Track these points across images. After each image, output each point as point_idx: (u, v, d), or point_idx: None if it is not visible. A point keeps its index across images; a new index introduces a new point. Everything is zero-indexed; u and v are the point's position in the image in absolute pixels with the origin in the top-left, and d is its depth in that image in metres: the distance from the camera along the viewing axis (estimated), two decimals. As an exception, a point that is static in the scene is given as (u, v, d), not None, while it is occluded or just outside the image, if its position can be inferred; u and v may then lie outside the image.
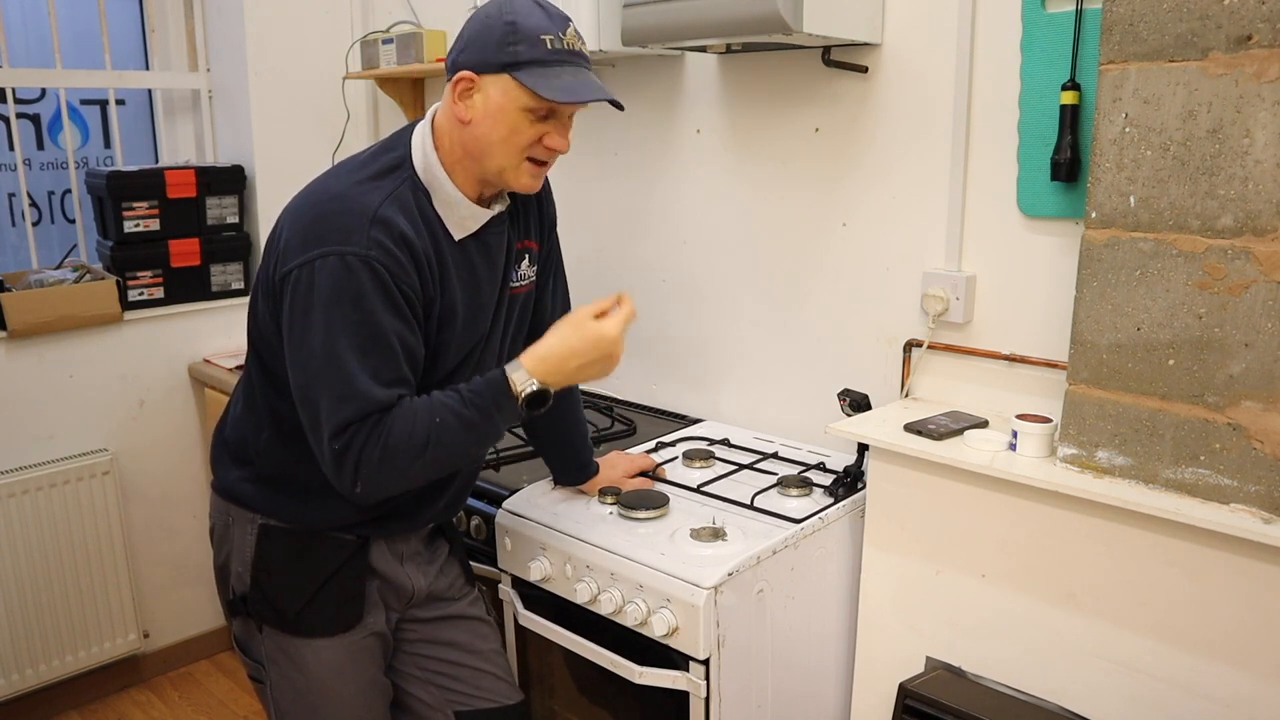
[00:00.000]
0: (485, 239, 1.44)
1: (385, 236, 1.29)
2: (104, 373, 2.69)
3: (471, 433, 1.35)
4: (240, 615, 1.52)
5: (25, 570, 2.56)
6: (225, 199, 2.82)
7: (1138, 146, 1.35)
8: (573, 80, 1.32)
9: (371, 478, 1.30)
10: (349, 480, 1.31)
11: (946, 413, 1.73)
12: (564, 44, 1.33)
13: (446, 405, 1.33)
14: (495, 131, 1.33)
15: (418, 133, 1.40)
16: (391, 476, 1.31)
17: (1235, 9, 1.25)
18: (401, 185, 1.36)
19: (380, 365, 1.29)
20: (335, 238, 1.28)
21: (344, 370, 1.27)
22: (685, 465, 1.97)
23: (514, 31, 1.30)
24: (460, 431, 1.33)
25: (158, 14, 2.92)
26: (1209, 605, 1.36)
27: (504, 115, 1.32)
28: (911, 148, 1.83)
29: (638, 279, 2.38)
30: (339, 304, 1.27)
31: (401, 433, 1.29)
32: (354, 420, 1.28)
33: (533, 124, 1.33)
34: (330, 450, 1.29)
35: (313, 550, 1.47)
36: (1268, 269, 1.26)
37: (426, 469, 1.34)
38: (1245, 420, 1.30)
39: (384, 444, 1.28)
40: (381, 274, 1.28)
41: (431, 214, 1.38)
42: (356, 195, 1.32)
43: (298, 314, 1.30)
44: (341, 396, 1.28)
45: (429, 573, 1.60)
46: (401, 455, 1.29)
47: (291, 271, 1.29)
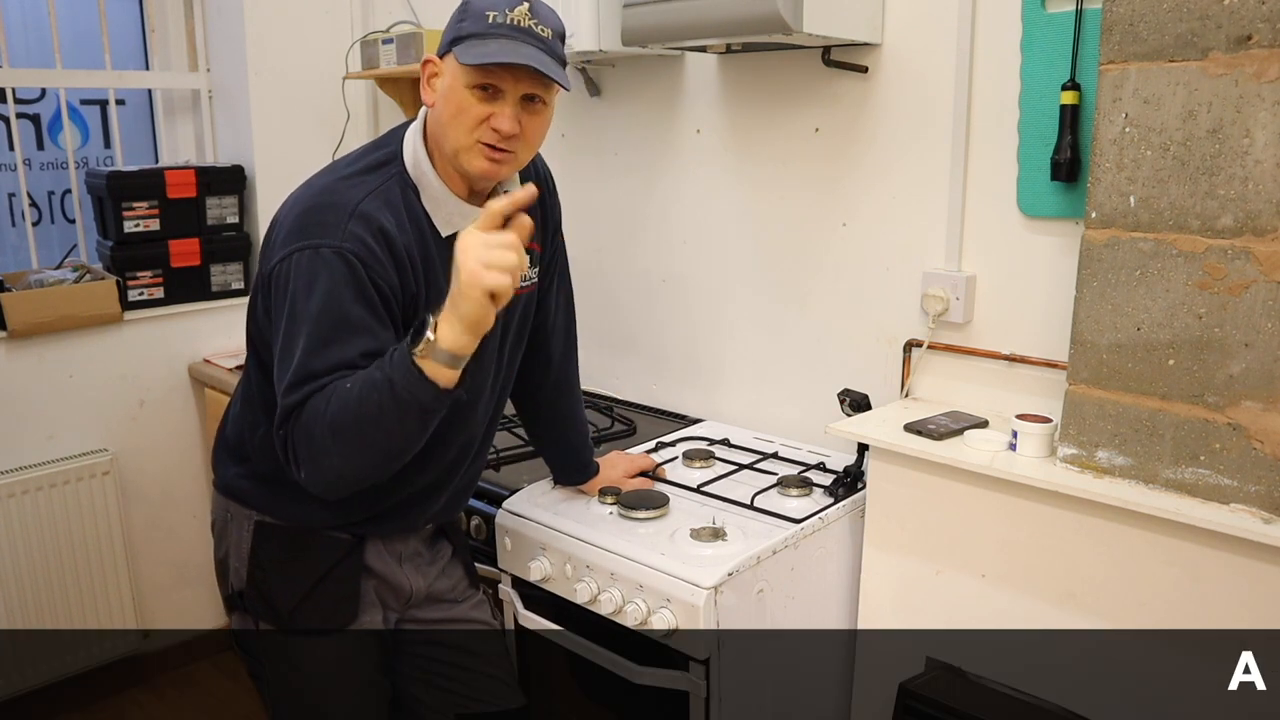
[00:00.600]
0: None
1: (363, 231, 1.29)
2: (104, 373, 2.69)
3: (374, 392, 1.20)
4: (238, 610, 1.53)
5: (25, 570, 2.56)
6: (225, 199, 2.82)
7: (1138, 146, 1.35)
8: (497, 47, 1.28)
9: (307, 461, 1.26)
10: (295, 469, 1.28)
11: (946, 413, 1.73)
12: (508, 19, 1.29)
13: (358, 374, 1.24)
14: (446, 110, 1.33)
15: (410, 129, 1.41)
16: (322, 456, 1.25)
17: (1235, 9, 1.24)
18: (389, 181, 1.36)
19: (339, 353, 1.26)
20: (315, 232, 1.29)
21: (300, 361, 1.27)
22: (685, 465, 1.97)
23: (465, 10, 1.32)
24: (365, 391, 1.21)
25: (158, 14, 2.92)
26: (1209, 605, 1.36)
27: (453, 94, 1.32)
28: (911, 148, 1.83)
29: (637, 279, 2.38)
30: (308, 295, 1.27)
31: (319, 407, 1.24)
32: (290, 410, 1.26)
33: (480, 102, 1.31)
34: (278, 440, 1.29)
35: (307, 548, 1.47)
36: (1268, 269, 1.26)
37: (354, 445, 1.24)
38: (1245, 420, 1.30)
39: (304, 424, 1.25)
40: (355, 266, 1.28)
41: (419, 210, 1.37)
42: (340, 190, 1.33)
43: (276, 307, 1.31)
44: (291, 387, 1.27)
45: (429, 574, 1.60)
46: (321, 433, 1.23)
47: (274, 267, 1.31)
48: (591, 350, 2.37)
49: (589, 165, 2.43)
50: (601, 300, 2.44)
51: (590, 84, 2.35)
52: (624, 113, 2.33)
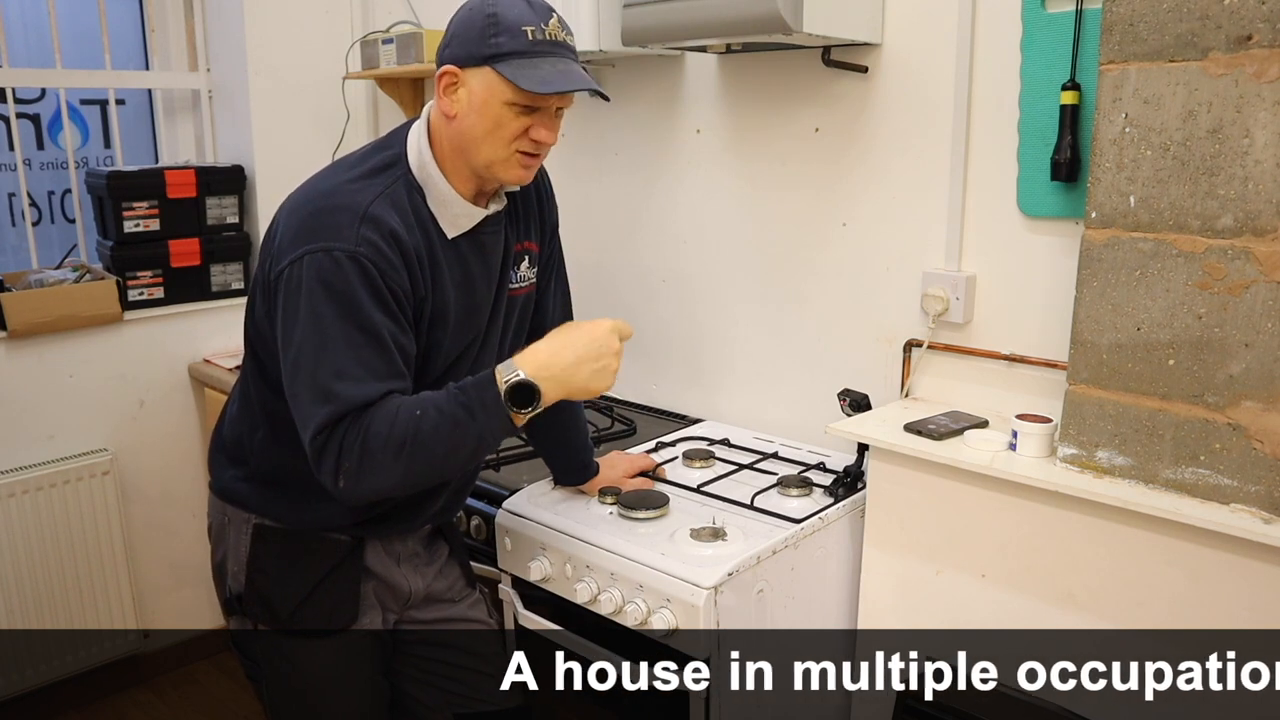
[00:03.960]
0: (480, 238, 1.43)
1: (375, 234, 1.29)
2: (104, 373, 2.69)
3: (456, 430, 1.28)
4: (236, 614, 1.53)
5: (25, 570, 2.56)
6: (225, 199, 2.82)
7: (1138, 146, 1.35)
8: (553, 71, 1.30)
9: (353, 475, 1.27)
10: (330, 478, 1.28)
11: (946, 413, 1.73)
12: (546, 35, 1.31)
13: (432, 400, 1.29)
14: (480, 125, 1.32)
15: (414, 130, 1.40)
16: (375, 474, 1.27)
17: (1235, 9, 1.24)
18: (395, 183, 1.36)
19: (370, 359, 1.28)
20: (325, 235, 1.28)
21: (327, 367, 1.27)
22: (685, 465, 1.96)
23: (495, 24, 1.30)
24: (443, 427, 1.27)
25: (158, 14, 2.92)
26: (1209, 605, 1.36)
27: (488, 109, 1.31)
28: (911, 148, 1.83)
29: (637, 279, 2.38)
30: (327, 300, 1.27)
31: (381, 428, 1.26)
32: (334, 418, 1.26)
33: (518, 116, 1.32)
34: (312, 448, 1.28)
35: (306, 550, 1.47)
36: (1268, 269, 1.26)
37: (412, 467, 1.28)
38: (1245, 420, 1.30)
39: (363, 440, 1.26)
40: (369, 270, 1.28)
41: (425, 212, 1.37)
42: (348, 193, 1.33)
43: (289, 311, 1.30)
44: (324, 393, 1.27)
45: (427, 574, 1.60)
46: (381, 451, 1.26)
47: (284, 270, 1.30)
48: (591, 350, 2.37)
49: (589, 165, 2.43)
50: (601, 300, 2.43)
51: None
52: (624, 113, 2.32)
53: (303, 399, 1.29)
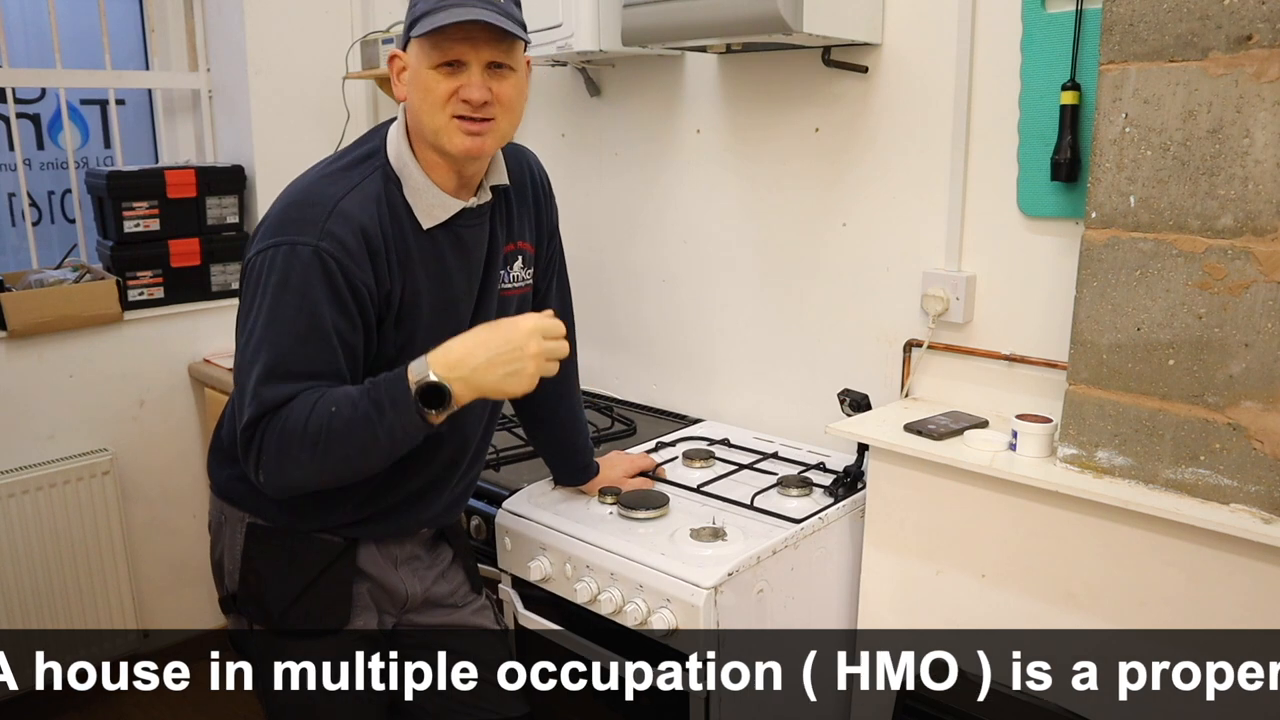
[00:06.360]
0: (457, 231, 1.42)
1: (342, 229, 1.30)
2: (104, 373, 2.68)
3: (367, 426, 1.26)
4: (233, 613, 1.53)
5: (25, 570, 2.56)
6: (225, 199, 2.82)
7: (1138, 146, 1.35)
8: (446, 14, 1.28)
9: (270, 467, 1.29)
10: (252, 469, 1.31)
11: (946, 413, 1.73)
12: None
13: (346, 395, 1.28)
14: (415, 96, 1.34)
15: (395, 123, 1.42)
16: (291, 468, 1.29)
17: (1235, 9, 1.24)
18: (371, 175, 1.37)
19: (313, 355, 1.29)
20: (292, 229, 1.30)
21: (267, 362, 1.28)
22: (685, 465, 1.97)
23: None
24: (355, 422, 1.26)
25: (158, 14, 2.92)
26: (1209, 605, 1.36)
27: (418, 78, 1.33)
28: (911, 147, 1.83)
29: (637, 279, 2.38)
30: (282, 293, 1.28)
31: (296, 424, 1.26)
32: (258, 415, 1.29)
33: (446, 78, 1.31)
34: (240, 440, 1.31)
35: (299, 551, 1.47)
36: (1268, 269, 1.26)
37: (327, 462, 1.28)
38: (1245, 420, 1.30)
39: (279, 433, 1.27)
40: (330, 265, 1.29)
41: (400, 202, 1.38)
42: (321, 187, 1.35)
43: (246, 301, 1.32)
44: (255, 392, 1.29)
45: (426, 578, 1.59)
46: (297, 446, 1.27)
47: (250, 260, 1.32)
48: (591, 350, 2.38)
49: (589, 165, 2.43)
50: (601, 300, 2.44)
51: (590, 84, 2.35)
52: (624, 113, 2.33)
53: (244, 390, 1.32)
